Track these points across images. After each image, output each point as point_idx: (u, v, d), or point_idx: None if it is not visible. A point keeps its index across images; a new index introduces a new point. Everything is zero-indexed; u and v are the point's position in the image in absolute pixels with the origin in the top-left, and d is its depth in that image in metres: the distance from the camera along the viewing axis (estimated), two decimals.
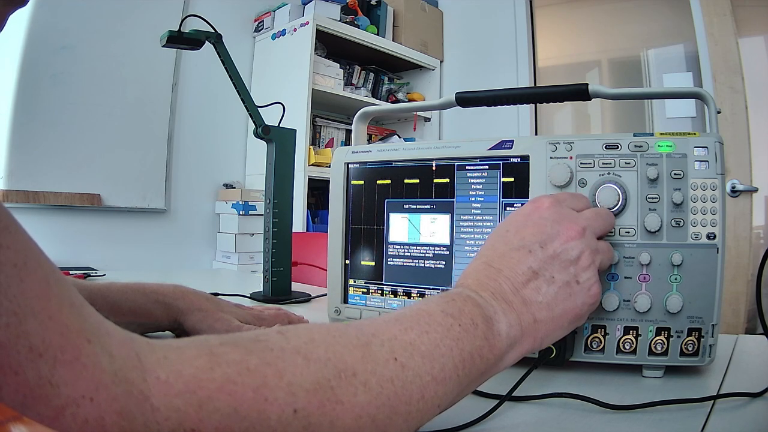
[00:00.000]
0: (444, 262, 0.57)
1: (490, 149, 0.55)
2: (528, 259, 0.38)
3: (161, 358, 0.23)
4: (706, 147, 0.46)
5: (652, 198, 0.47)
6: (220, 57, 0.90)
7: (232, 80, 0.91)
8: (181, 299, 0.57)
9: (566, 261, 0.39)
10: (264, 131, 0.91)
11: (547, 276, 0.38)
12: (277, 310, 0.66)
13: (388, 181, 0.61)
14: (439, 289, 0.57)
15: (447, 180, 0.57)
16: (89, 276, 1.10)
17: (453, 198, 0.57)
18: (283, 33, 2.54)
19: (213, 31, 0.89)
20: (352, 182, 0.63)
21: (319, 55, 2.51)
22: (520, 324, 0.36)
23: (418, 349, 0.30)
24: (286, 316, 0.66)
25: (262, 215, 0.98)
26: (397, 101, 2.91)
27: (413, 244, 0.59)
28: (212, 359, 0.23)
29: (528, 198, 0.52)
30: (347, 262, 0.63)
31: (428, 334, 0.31)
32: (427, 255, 0.58)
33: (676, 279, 0.46)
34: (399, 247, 0.60)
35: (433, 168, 0.58)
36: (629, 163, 0.48)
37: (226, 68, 0.90)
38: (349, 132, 2.78)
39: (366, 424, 0.26)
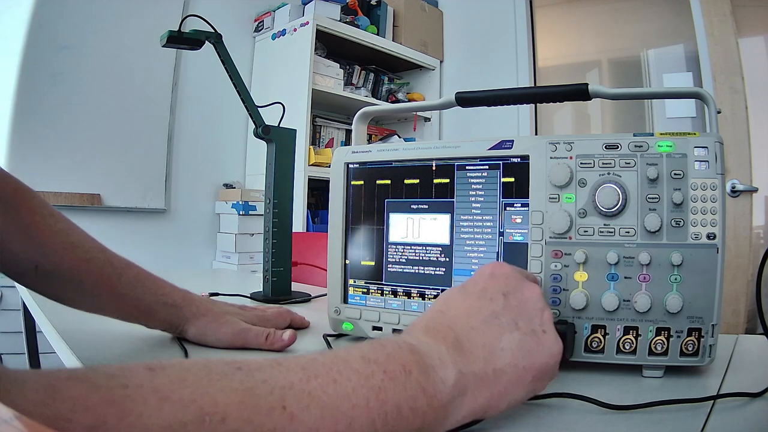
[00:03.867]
0: (444, 262, 0.57)
1: (490, 149, 0.55)
2: (489, 305, 0.36)
3: (2, 391, 0.21)
4: (706, 147, 0.46)
5: (652, 198, 0.47)
6: (220, 57, 0.90)
7: (232, 80, 0.91)
8: (188, 306, 0.58)
9: (533, 310, 0.36)
10: (264, 131, 0.91)
11: (510, 321, 0.35)
12: (279, 308, 0.67)
13: (388, 181, 0.61)
14: (438, 289, 0.57)
15: (447, 180, 0.57)
16: None
17: (453, 198, 0.57)
18: (283, 33, 2.54)
19: (213, 31, 0.89)
20: (352, 182, 0.63)
21: (319, 55, 2.51)
22: (473, 372, 0.32)
23: (319, 400, 0.26)
24: (289, 314, 0.66)
25: (262, 215, 0.98)
26: (397, 101, 2.91)
27: (413, 244, 0.59)
28: (49, 395, 0.22)
29: (528, 198, 0.52)
30: (347, 262, 0.63)
31: (337, 384, 0.27)
32: (427, 255, 0.58)
33: (676, 279, 0.46)
34: (399, 247, 0.60)
35: (433, 168, 0.58)
36: (629, 163, 0.48)
37: (226, 68, 0.90)
38: (349, 132, 2.78)
39: None
